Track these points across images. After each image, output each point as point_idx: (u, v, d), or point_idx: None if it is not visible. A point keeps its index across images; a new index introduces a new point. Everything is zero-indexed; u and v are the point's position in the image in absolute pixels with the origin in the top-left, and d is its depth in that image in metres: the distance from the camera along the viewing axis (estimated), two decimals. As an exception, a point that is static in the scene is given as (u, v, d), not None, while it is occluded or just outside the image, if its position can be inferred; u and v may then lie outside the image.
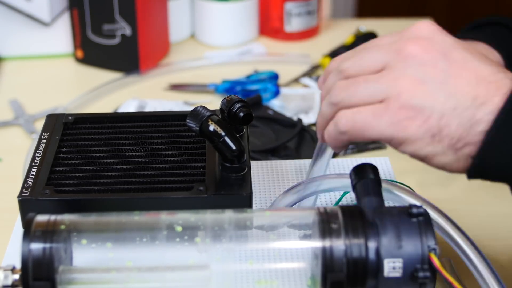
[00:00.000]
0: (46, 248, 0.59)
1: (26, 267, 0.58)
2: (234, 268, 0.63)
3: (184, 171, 0.70)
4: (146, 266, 0.61)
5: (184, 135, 0.75)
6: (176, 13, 1.34)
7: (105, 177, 0.70)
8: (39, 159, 0.72)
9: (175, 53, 1.34)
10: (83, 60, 1.29)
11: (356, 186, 0.63)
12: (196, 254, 0.62)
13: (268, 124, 1.08)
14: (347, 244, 0.58)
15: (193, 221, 0.62)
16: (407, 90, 0.59)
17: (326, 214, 0.60)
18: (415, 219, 0.59)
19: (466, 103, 0.58)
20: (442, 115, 0.58)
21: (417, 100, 0.59)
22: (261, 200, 0.77)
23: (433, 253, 0.58)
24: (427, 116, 0.58)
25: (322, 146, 0.71)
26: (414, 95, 0.59)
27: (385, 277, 0.58)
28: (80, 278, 0.60)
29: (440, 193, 0.96)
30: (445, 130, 0.58)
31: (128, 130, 0.77)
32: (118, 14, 1.22)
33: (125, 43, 1.24)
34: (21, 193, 0.68)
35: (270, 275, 0.63)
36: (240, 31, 1.36)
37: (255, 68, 1.26)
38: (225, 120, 0.72)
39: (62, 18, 1.28)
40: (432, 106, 0.58)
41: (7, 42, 1.29)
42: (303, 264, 0.63)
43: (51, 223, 0.60)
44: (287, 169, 0.82)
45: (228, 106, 0.72)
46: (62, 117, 0.79)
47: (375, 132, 0.60)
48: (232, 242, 0.62)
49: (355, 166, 0.64)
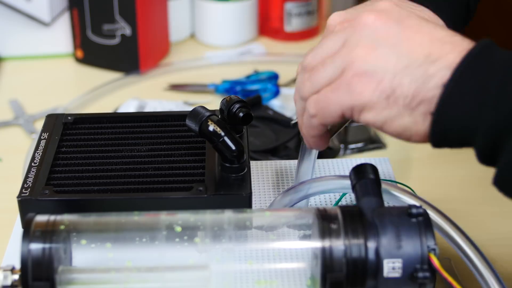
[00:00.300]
0: (46, 248, 0.59)
1: (26, 267, 0.58)
2: (234, 268, 0.63)
3: (183, 171, 0.70)
4: (146, 266, 0.61)
5: (184, 135, 0.75)
6: (176, 13, 1.34)
7: (104, 177, 0.70)
8: (39, 159, 0.72)
9: (175, 53, 1.33)
10: (83, 60, 1.29)
11: (355, 186, 0.63)
12: (196, 254, 0.62)
13: (268, 124, 1.08)
14: (346, 244, 0.58)
15: (193, 221, 0.62)
16: (359, 57, 0.59)
17: (326, 214, 0.60)
18: (415, 219, 0.59)
19: (418, 60, 0.57)
20: (394, 75, 0.57)
21: (369, 65, 0.58)
22: (261, 200, 0.77)
23: (432, 253, 0.58)
24: (380, 79, 0.58)
25: (306, 146, 0.71)
26: (366, 61, 0.58)
27: (384, 277, 0.58)
28: (80, 278, 0.60)
29: (440, 193, 0.96)
30: (398, 90, 0.57)
31: (128, 130, 0.77)
32: (118, 14, 1.22)
33: (125, 43, 1.24)
34: (21, 193, 0.68)
35: (270, 275, 0.63)
36: (240, 31, 1.36)
37: (255, 68, 1.26)
38: (224, 120, 0.72)
39: (62, 18, 1.28)
40: (384, 68, 0.58)
41: (7, 42, 1.29)
42: (302, 264, 0.63)
43: (51, 223, 0.60)
44: (287, 169, 0.82)
45: (228, 106, 0.72)
46: (62, 117, 0.79)
47: (336, 105, 0.60)
48: (231, 242, 0.62)
49: (355, 166, 0.64)
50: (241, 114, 0.71)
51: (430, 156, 1.02)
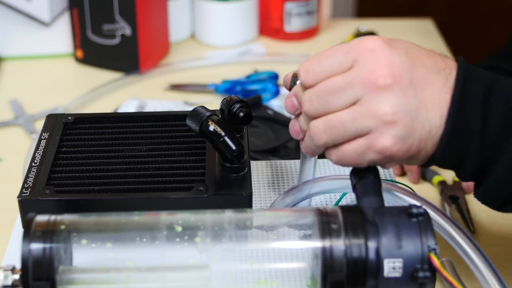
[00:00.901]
0: (46, 248, 0.59)
1: (26, 267, 0.58)
2: (234, 268, 0.63)
3: (184, 171, 0.70)
4: (146, 266, 0.61)
5: (184, 135, 0.75)
6: (176, 13, 1.34)
7: (105, 177, 0.70)
8: (39, 159, 0.72)
9: (175, 53, 1.34)
10: (83, 60, 1.29)
11: (356, 186, 0.63)
12: (196, 254, 0.62)
13: (268, 124, 1.08)
14: (347, 244, 0.58)
15: (193, 221, 0.62)
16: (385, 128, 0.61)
17: (326, 214, 0.60)
18: (415, 219, 0.59)
19: (437, 123, 0.62)
20: (420, 141, 0.62)
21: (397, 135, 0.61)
22: (261, 200, 0.77)
23: (433, 253, 0.58)
24: (409, 145, 0.62)
25: None
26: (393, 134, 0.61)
27: (385, 277, 0.58)
28: (80, 278, 0.60)
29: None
30: (423, 151, 0.63)
31: (128, 130, 0.77)
32: (118, 14, 1.22)
33: (125, 43, 1.24)
34: (21, 193, 0.68)
35: (270, 275, 0.63)
36: (240, 31, 1.36)
37: (255, 68, 1.26)
38: (225, 120, 0.72)
39: (62, 18, 1.28)
40: (412, 136, 0.62)
41: (7, 42, 1.29)
42: (303, 264, 0.63)
43: (51, 223, 0.60)
44: (287, 169, 0.82)
45: (228, 106, 0.72)
46: (62, 117, 0.79)
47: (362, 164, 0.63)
48: (232, 242, 0.62)
49: (356, 166, 0.64)
50: (242, 114, 0.71)
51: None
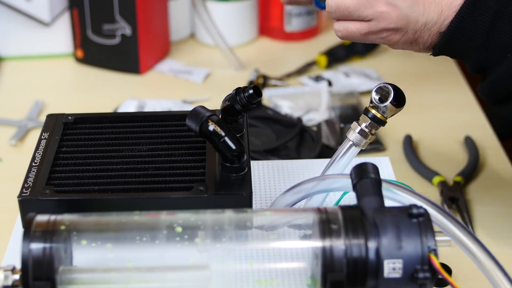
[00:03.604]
0: (46, 248, 0.59)
1: (26, 267, 0.58)
2: (234, 268, 0.63)
3: (184, 171, 0.70)
4: (146, 266, 0.61)
5: (184, 135, 0.75)
6: (176, 13, 1.34)
7: (105, 177, 0.70)
8: (39, 159, 0.72)
9: (175, 53, 1.34)
10: (83, 60, 1.29)
11: (356, 186, 0.62)
12: (196, 254, 0.62)
13: (268, 124, 1.08)
14: (347, 244, 0.58)
15: (193, 221, 0.62)
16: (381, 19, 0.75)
17: (326, 214, 0.60)
18: (415, 220, 0.59)
19: (434, 18, 0.74)
20: (415, 31, 0.75)
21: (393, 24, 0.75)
22: (261, 200, 0.77)
23: (433, 254, 0.57)
24: (404, 32, 0.75)
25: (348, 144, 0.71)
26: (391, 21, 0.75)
27: (385, 278, 0.58)
28: (80, 278, 0.60)
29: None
30: (419, 40, 0.76)
31: (128, 130, 0.77)
32: (118, 14, 1.22)
33: (125, 43, 1.24)
34: (21, 193, 0.68)
35: (270, 275, 0.63)
36: (240, 31, 1.36)
37: None
38: (238, 104, 0.72)
39: (62, 18, 1.28)
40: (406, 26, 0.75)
41: (7, 42, 1.29)
42: (303, 264, 0.63)
43: (51, 223, 0.60)
44: (287, 169, 0.82)
45: (237, 93, 0.72)
46: (62, 117, 0.79)
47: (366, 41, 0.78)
48: (232, 242, 0.62)
49: (356, 166, 0.63)
50: (251, 91, 0.72)
51: (430, 156, 1.02)
